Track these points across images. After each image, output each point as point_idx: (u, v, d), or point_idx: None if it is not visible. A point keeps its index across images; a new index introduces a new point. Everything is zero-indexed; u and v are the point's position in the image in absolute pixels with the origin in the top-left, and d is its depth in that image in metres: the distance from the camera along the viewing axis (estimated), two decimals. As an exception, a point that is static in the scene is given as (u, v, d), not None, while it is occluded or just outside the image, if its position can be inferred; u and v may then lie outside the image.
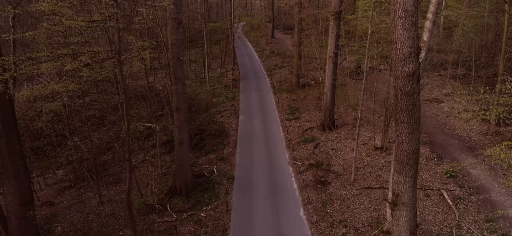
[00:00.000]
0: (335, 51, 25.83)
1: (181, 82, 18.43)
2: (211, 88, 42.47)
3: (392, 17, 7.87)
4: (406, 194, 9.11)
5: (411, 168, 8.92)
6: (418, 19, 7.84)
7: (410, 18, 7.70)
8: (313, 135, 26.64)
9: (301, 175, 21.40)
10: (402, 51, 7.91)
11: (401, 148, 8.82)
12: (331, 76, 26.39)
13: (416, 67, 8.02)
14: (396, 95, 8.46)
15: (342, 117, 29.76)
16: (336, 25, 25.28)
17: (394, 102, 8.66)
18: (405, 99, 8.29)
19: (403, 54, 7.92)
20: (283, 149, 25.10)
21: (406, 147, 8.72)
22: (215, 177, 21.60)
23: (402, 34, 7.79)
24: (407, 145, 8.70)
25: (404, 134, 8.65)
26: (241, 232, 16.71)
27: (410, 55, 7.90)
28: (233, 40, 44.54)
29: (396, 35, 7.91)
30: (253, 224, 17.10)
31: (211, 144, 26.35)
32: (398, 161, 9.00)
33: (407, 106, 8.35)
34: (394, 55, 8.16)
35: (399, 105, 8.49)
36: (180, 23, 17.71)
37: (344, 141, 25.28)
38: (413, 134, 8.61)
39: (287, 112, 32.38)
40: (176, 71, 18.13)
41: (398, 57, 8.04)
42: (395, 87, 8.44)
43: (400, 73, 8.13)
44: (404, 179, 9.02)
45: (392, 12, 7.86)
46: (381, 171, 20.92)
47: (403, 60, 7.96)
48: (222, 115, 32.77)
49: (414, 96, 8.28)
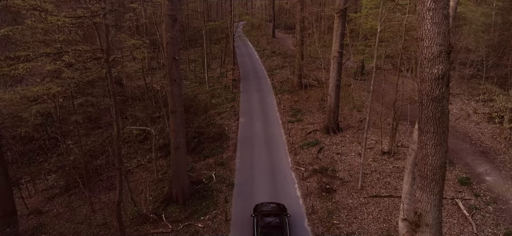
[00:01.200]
0: (340, 50, 24.64)
1: (177, 83, 17.25)
2: (210, 88, 41.27)
3: (419, 10, 6.70)
4: (431, 214, 7.93)
5: (437, 185, 7.73)
6: (449, 12, 6.67)
7: (441, 10, 6.52)
8: (317, 138, 25.45)
9: (305, 181, 20.22)
10: (430, 49, 6.72)
11: (426, 162, 7.63)
12: (335, 76, 25.20)
13: (446, 68, 6.83)
14: (421, 101, 7.27)
15: (346, 119, 28.57)
16: (341, 23, 24.08)
17: (419, 108, 7.47)
18: (432, 105, 7.10)
19: (431, 53, 6.73)
20: (285, 153, 23.93)
21: (432, 161, 7.53)
22: (214, 183, 20.42)
23: (431, 29, 6.60)
24: (433, 158, 7.51)
25: (430, 146, 7.46)
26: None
27: (439, 54, 6.71)
28: (233, 39, 43.36)
29: (423, 30, 6.72)
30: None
31: (210, 148, 25.17)
32: (422, 177, 7.81)
33: (434, 114, 7.16)
34: (419, 54, 6.98)
35: (424, 112, 7.30)
36: (175, 20, 16.54)
37: (349, 145, 24.09)
38: (441, 146, 7.43)
39: (289, 114, 31.20)
40: (171, 71, 16.96)
41: (425, 56, 6.85)
42: (420, 92, 7.25)
43: (427, 75, 6.94)
44: (428, 197, 7.83)
45: (419, 3, 6.67)
46: (390, 178, 19.73)
47: (431, 60, 6.78)
48: (221, 117, 31.60)
49: (443, 102, 7.09)
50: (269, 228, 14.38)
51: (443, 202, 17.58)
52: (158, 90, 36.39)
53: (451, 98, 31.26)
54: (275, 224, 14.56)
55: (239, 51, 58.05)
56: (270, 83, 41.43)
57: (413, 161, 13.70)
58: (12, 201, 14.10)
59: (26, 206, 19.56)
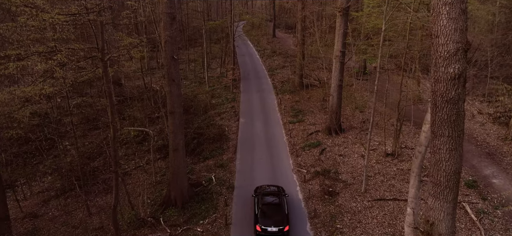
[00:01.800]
0: (342, 50, 24.14)
1: (176, 83, 16.77)
2: (210, 88, 40.77)
3: (434, 4, 6.21)
4: (444, 223, 7.45)
5: (451, 192, 7.24)
6: (467, 6, 6.18)
7: (459, 5, 6.03)
8: (319, 140, 24.95)
9: (307, 184, 19.72)
10: (446, 47, 6.24)
11: (439, 167, 7.15)
12: (337, 76, 24.70)
13: (463, 68, 6.34)
14: (435, 103, 6.78)
15: (348, 120, 28.07)
16: (344, 22, 23.58)
17: (432, 110, 6.99)
18: (447, 107, 6.61)
19: (447, 50, 6.24)
20: (286, 155, 23.44)
21: (446, 167, 7.04)
22: (214, 186, 19.93)
23: (447, 26, 6.11)
24: (447, 164, 7.02)
25: (444, 151, 6.97)
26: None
27: (456, 52, 6.22)
28: (233, 38, 42.87)
29: (439, 26, 6.23)
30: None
31: (209, 149, 24.68)
32: (435, 183, 7.32)
33: (449, 116, 6.67)
34: (434, 52, 6.49)
35: (438, 115, 6.81)
36: (174, 18, 16.05)
37: (352, 146, 23.59)
38: (456, 150, 6.94)
39: (290, 114, 30.70)
40: (170, 71, 16.47)
41: (440, 54, 6.36)
42: (434, 93, 6.77)
43: (442, 75, 6.45)
44: (441, 205, 7.35)
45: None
46: (394, 180, 19.23)
47: (447, 58, 6.29)
48: (221, 118, 31.10)
49: (459, 104, 6.61)
50: (269, 206, 15.70)
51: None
52: (157, 90, 35.91)
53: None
54: (274, 202, 15.91)
55: (239, 51, 57.57)
56: (271, 83, 40.95)
57: (420, 164, 13.22)
58: (5, 205, 13.62)
59: (21, 210, 19.08)
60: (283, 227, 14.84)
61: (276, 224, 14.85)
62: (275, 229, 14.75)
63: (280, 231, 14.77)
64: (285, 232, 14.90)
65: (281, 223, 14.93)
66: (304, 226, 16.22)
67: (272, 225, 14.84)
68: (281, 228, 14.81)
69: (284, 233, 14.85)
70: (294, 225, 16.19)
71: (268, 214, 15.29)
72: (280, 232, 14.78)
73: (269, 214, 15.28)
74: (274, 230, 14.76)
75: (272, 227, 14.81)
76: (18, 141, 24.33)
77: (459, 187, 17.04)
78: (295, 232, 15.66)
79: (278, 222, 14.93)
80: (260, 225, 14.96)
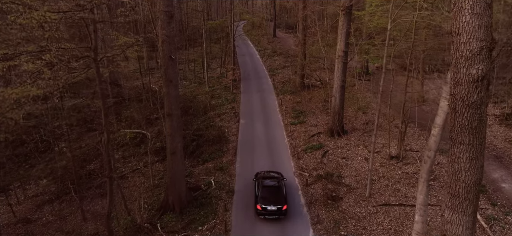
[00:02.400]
0: (345, 49, 23.54)
1: (174, 84, 16.16)
2: (210, 89, 40.17)
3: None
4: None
5: (470, 204, 6.64)
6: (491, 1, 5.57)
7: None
8: (321, 142, 24.34)
9: (309, 188, 19.11)
10: (468, 45, 5.63)
11: (458, 178, 6.54)
12: (340, 77, 24.09)
13: (487, 69, 5.74)
14: (455, 107, 6.18)
15: (351, 121, 27.46)
16: (346, 21, 22.98)
17: (451, 116, 6.38)
18: (468, 112, 6.01)
19: (469, 50, 5.64)
20: (287, 157, 22.83)
21: (466, 177, 6.44)
22: (213, 190, 19.32)
23: (470, 22, 5.51)
24: (467, 174, 6.41)
25: (464, 160, 6.36)
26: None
27: (480, 51, 5.62)
28: (233, 38, 42.25)
29: (460, 23, 5.63)
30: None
31: (209, 151, 24.06)
32: (453, 195, 6.71)
33: (470, 122, 6.07)
34: (454, 51, 5.89)
35: (458, 120, 6.20)
36: (171, 17, 15.44)
37: (355, 149, 22.98)
38: (476, 159, 6.33)
39: (291, 116, 30.09)
40: (167, 71, 15.86)
41: (461, 54, 5.76)
42: (453, 96, 6.16)
43: (463, 77, 5.84)
44: (460, 219, 6.74)
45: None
46: (399, 184, 18.62)
47: (469, 58, 5.68)
48: (221, 119, 30.50)
49: (481, 108, 6.00)
50: (269, 188, 16.90)
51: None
52: (156, 90, 35.33)
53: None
54: (273, 185, 17.16)
55: (239, 51, 56.98)
56: (272, 84, 40.33)
57: (429, 170, 12.61)
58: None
59: (14, 214, 18.48)
60: (282, 206, 16.10)
61: (275, 204, 16.10)
62: (274, 208, 16.01)
63: (278, 209, 16.04)
64: (283, 210, 16.14)
65: (280, 202, 16.18)
66: (307, 233, 15.62)
67: (272, 204, 16.09)
68: (280, 207, 16.07)
69: (282, 211, 16.12)
70: (297, 231, 15.59)
71: (268, 195, 16.44)
72: (279, 210, 16.05)
73: (269, 195, 16.43)
74: (273, 209, 16.02)
75: (272, 206, 16.06)
76: (12, 143, 23.74)
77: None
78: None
79: (277, 202, 16.16)
80: (260, 204, 16.19)
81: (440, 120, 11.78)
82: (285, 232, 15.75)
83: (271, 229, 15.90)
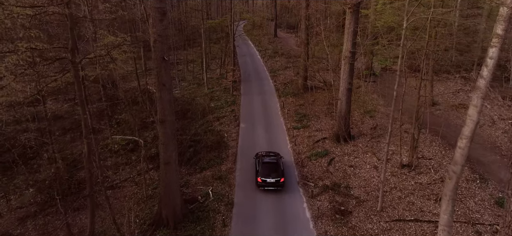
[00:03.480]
0: (352, 50, 22.06)
1: (167, 88, 14.70)
2: (209, 91, 38.75)
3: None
4: None
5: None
6: None
7: None
8: (326, 148, 22.86)
9: (315, 200, 17.64)
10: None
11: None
12: (346, 79, 22.61)
13: None
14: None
15: (357, 126, 25.98)
16: (354, 19, 21.52)
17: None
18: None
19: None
20: (291, 165, 21.36)
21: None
22: (211, 202, 17.85)
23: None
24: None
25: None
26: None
27: None
28: (233, 38, 40.75)
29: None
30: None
31: (207, 158, 22.60)
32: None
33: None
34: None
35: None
36: (164, 14, 13.98)
37: (363, 156, 21.50)
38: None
39: (294, 119, 28.63)
40: (160, 74, 14.40)
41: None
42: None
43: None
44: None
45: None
46: (413, 196, 17.14)
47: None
48: (220, 122, 29.04)
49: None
50: (268, 164, 18.71)
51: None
52: (153, 92, 33.83)
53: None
54: (272, 161, 18.93)
55: (240, 51, 55.57)
56: (273, 85, 38.88)
57: (455, 187, 11.13)
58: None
59: (-6, 229, 17.03)
60: (279, 179, 18.07)
61: (273, 177, 18.07)
62: (273, 180, 18.02)
63: (276, 181, 18.03)
64: (281, 182, 18.10)
65: (277, 175, 18.14)
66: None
67: (270, 177, 18.07)
68: (278, 179, 18.05)
69: (279, 183, 18.08)
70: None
71: (267, 170, 18.34)
72: (277, 182, 18.03)
73: (268, 169, 18.34)
74: (272, 181, 18.02)
75: (270, 178, 18.03)
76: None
77: (487, 206, 14.85)
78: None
79: (275, 175, 18.13)
80: (260, 177, 18.14)
81: (469, 130, 10.35)
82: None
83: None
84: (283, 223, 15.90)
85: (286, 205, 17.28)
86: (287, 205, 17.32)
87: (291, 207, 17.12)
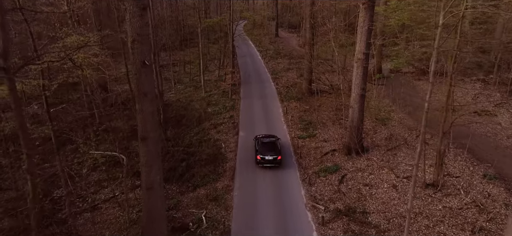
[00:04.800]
0: (366, 51, 19.45)
1: (149, 98, 12.08)
2: (206, 94, 36.13)
3: None
4: None
5: None
6: None
7: None
8: (336, 162, 20.24)
9: (326, 228, 15.01)
10: None
11: None
12: (359, 84, 20.00)
13: None
14: None
15: (369, 135, 23.35)
16: (369, 16, 18.90)
17: None
18: None
19: None
20: (297, 182, 18.76)
21: None
22: (204, 230, 15.23)
23: None
24: None
25: None
26: None
27: None
28: (232, 38, 38.11)
29: None
30: None
31: (201, 174, 19.97)
32: None
33: None
34: None
35: None
36: (145, 9, 11.37)
37: (379, 173, 18.87)
38: None
39: (298, 127, 26.02)
40: (140, 81, 11.79)
41: None
42: None
43: None
44: None
45: None
46: (443, 225, 14.50)
47: None
48: (218, 131, 26.42)
49: None
50: (267, 143, 20.53)
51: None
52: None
53: (495, 108, 25.97)
54: (270, 142, 20.84)
55: (239, 52, 52.95)
56: (275, 88, 36.29)
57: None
58: None
59: None
60: (276, 156, 19.60)
61: (271, 154, 19.60)
62: (271, 157, 19.54)
63: (274, 159, 19.55)
64: (278, 160, 19.66)
65: (275, 154, 19.69)
66: None
67: (268, 155, 19.61)
68: (275, 157, 19.57)
69: (277, 161, 19.63)
70: None
71: (265, 149, 20.02)
72: (274, 159, 19.56)
73: (266, 149, 20.02)
74: (270, 158, 19.55)
75: (268, 156, 19.57)
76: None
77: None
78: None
79: (273, 153, 19.67)
80: (259, 155, 19.72)
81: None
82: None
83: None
84: (285, 228, 13.32)
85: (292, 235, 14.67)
86: (293, 234, 14.70)
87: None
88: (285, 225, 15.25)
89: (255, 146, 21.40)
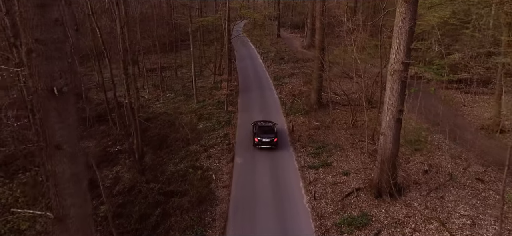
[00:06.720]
0: (406, 60, 14.25)
1: (67, 153, 6.85)
2: (199, 105, 31.08)
3: None
4: None
5: None
6: None
7: None
8: (364, 210, 15.08)
9: None
10: None
11: None
12: (395, 104, 14.82)
13: None
14: None
15: (402, 167, 18.15)
16: (410, 13, 13.74)
17: None
18: None
19: None
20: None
21: None
22: None
23: None
24: None
25: None
26: None
27: None
28: (229, 40, 32.86)
29: None
30: None
31: (182, 225, 14.83)
32: None
33: None
34: None
35: None
36: (44, 6, 6.13)
37: (425, 227, 13.68)
38: None
39: (308, 152, 20.93)
40: (48, 125, 6.60)
41: None
42: None
43: None
44: None
45: None
46: None
47: None
48: (208, 155, 21.34)
49: None
50: (264, 127, 21.79)
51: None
52: (124, 104, 25.66)
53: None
54: (267, 126, 22.04)
55: (238, 54, 47.90)
56: (278, 97, 31.27)
57: None
58: None
59: None
60: (273, 138, 20.77)
61: (268, 137, 20.82)
62: (267, 139, 20.71)
63: (271, 140, 20.72)
64: (275, 142, 20.80)
65: (272, 136, 20.87)
66: None
67: (265, 137, 20.80)
68: (272, 138, 20.77)
69: (274, 143, 20.76)
70: None
71: (262, 131, 21.14)
72: (271, 141, 20.73)
73: (263, 131, 21.15)
74: (266, 140, 20.70)
75: (265, 138, 20.75)
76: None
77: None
78: None
79: (270, 136, 20.89)
80: (257, 137, 20.87)
81: None
82: None
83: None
84: None
85: None
86: None
87: None
88: None
89: (252, 129, 22.48)
